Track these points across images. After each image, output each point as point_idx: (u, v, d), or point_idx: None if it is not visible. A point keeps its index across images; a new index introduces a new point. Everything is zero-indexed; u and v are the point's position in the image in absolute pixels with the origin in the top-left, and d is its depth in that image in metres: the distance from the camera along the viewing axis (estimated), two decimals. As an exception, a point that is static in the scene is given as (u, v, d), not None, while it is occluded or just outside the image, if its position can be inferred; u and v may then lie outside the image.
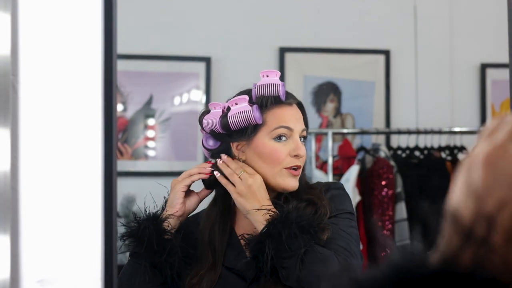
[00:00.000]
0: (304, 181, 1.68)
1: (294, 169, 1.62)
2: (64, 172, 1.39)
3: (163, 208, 1.68)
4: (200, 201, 1.73)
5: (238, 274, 1.63)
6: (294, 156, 1.61)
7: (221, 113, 1.63)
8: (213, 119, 1.64)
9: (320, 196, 1.65)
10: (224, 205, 1.71)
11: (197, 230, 1.71)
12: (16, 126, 1.36)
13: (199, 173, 1.69)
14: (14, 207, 1.36)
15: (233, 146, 1.66)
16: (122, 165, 3.99)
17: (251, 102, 1.62)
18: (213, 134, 1.67)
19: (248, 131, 1.62)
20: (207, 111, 1.68)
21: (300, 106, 1.68)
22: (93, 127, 1.40)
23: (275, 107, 1.62)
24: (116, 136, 1.44)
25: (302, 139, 1.65)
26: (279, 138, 1.62)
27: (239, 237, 1.64)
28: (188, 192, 1.71)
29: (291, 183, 1.62)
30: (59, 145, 1.39)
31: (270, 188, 1.64)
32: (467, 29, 4.28)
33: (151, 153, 4.08)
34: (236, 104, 1.61)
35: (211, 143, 1.69)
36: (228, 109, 1.62)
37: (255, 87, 1.62)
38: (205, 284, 1.62)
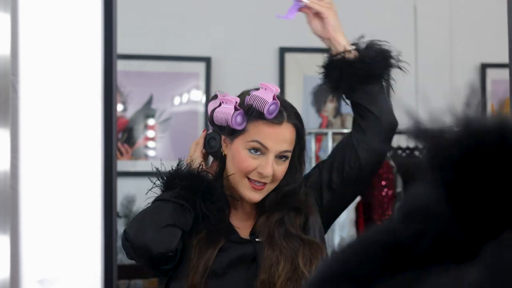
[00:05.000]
0: (294, 185, 1.70)
1: (256, 183, 1.64)
2: (64, 172, 1.39)
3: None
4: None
5: (241, 242, 1.66)
6: (259, 173, 1.63)
7: (217, 105, 1.66)
8: (210, 108, 1.69)
9: (306, 202, 1.69)
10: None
11: None
12: (16, 126, 1.36)
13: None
14: (14, 207, 1.36)
15: (222, 137, 1.70)
16: (122, 165, 3.99)
17: (242, 106, 1.64)
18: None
19: (227, 130, 1.64)
20: (214, 96, 1.71)
21: (296, 127, 1.68)
22: (93, 127, 1.40)
23: (260, 121, 1.64)
24: (116, 136, 1.44)
25: (284, 158, 1.66)
26: (253, 150, 1.64)
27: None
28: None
29: (252, 195, 1.65)
30: (59, 145, 1.39)
31: (236, 195, 1.68)
32: (467, 29, 4.28)
33: (151, 153, 4.08)
34: (226, 103, 1.63)
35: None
36: (220, 104, 1.66)
37: (249, 95, 1.64)
38: (211, 249, 1.63)
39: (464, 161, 0.53)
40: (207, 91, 4.08)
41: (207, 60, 4.08)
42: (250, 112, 1.62)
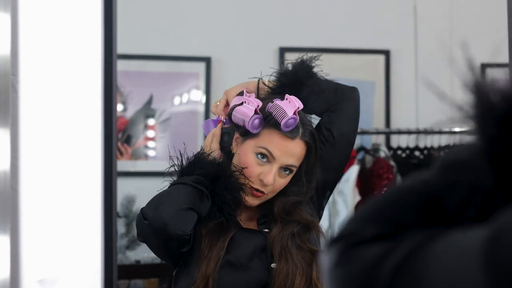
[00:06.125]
0: (302, 199, 1.71)
1: (256, 190, 1.65)
2: (64, 172, 1.39)
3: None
4: None
5: (254, 230, 1.67)
6: (260, 180, 1.64)
7: (238, 102, 1.67)
8: (232, 102, 1.70)
9: (310, 214, 1.70)
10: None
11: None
12: (16, 126, 1.37)
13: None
14: (14, 207, 1.36)
15: (235, 135, 1.71)
16: (122, 165, 3.99)
17: (262, 111, 1.64)
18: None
19: (241, 130, 1.66)
20: (241, 93, 1.72)
21: (308, 145, 1.67)
22: (93, 127, 1.40)
23: (275, 130, 1.64)
24: (116, 136, 1.44)
25: (288, 172, 1.66)
26: (261, 155, 1.64)
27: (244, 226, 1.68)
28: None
29: (250, 200, 1.66)
30: (59, 145, 1.39)
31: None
32: (467, 29, 4.28)
33: (151, 153, 4.08)
34: (248, 104, 1.64)
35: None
36: (242, 103, 1.67)
37: (272, 103, 1.65)
38: (222, 239, 1.63)
39: (510, 118, 0.53)
40: (207, 91, 4.08)
41: (207, 60, 4.08)
42: (268, 119, 1.63)
